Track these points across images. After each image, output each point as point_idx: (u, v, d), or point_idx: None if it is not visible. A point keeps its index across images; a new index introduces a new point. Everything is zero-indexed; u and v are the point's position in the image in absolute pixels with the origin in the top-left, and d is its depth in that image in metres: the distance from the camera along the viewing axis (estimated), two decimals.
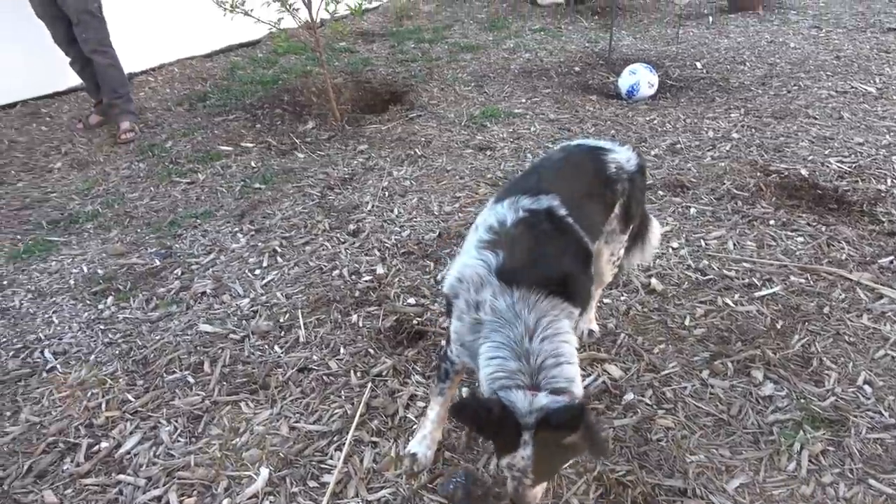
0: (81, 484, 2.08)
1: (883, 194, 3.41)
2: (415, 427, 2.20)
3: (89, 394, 2.46)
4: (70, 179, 4.60)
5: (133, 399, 2.41)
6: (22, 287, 3.29)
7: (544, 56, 6.62)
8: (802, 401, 2.19)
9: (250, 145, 4.87)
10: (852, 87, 5.07)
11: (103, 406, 2.39)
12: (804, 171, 3.74)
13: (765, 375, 2.31)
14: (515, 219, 1.80)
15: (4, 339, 2.87)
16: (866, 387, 2.23)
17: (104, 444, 2.22)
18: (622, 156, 2.17)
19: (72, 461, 2.17)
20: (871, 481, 1.91)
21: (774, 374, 2.31)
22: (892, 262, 2.87)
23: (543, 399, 1.49)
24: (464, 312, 1.72)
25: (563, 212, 1.84)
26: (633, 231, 2.31)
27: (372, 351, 2.57)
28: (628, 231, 2.28)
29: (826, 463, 1.98)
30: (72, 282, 3.29)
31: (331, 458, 2.11)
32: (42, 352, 2.76)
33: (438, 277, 3.02)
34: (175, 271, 3.28)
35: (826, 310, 2.60)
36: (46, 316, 3.02)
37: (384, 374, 2.45)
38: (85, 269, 3.38)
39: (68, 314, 3.02)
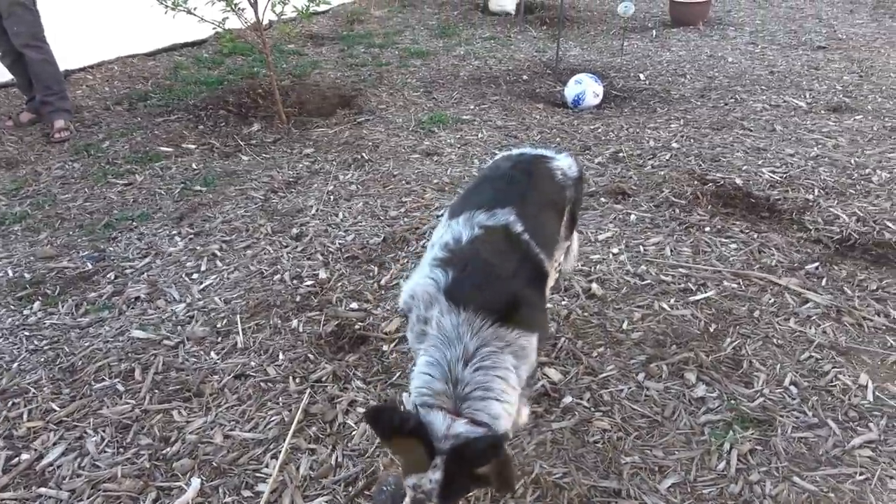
0: None
1: (811, 203, 3.57)
2: (354, 433, 2.18)
3: (10, 403, 2.34)
4: None
5: (58, 408, 2.30)
6: None
7: (493, 64, 6.68)
8: (733, 402, 2.26)
9: (192, 147, 4.74)
10: (784, 101, 5.29)
11: (25, 416, 2.28)
12: (739, 181, 3.87)
13: (697, 377, 2.38)
14: (471, 236, 1.77)
15: None
16: (792, 388, 2.32)
17: (25, 456, 2.11)
18: (563, 163, 2.20)
19: None
20: (795, 479, 1.98)
21: (707, 377, 2.38)
22: (817, 268, 3.00)
23: (461, 427, 1.47)
24: (414, 324, 1.71)
25: (519, 227, 1.81)
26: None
27: (312, 356, 2.53)
28: (571, 236, 2.32)
29: (754, 462, 2.05)
30: None
31: (266, 467, 2.07)
32: None
33: (383, 282, 2.99)
34: (108, 275, 3.16)
35: (756, 314, 2.69)
36: None
37: (324, 379, 2.41)
38: (10, 273, 3.22)
39: None
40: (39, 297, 3.00)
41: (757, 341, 2.55)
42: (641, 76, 6.15)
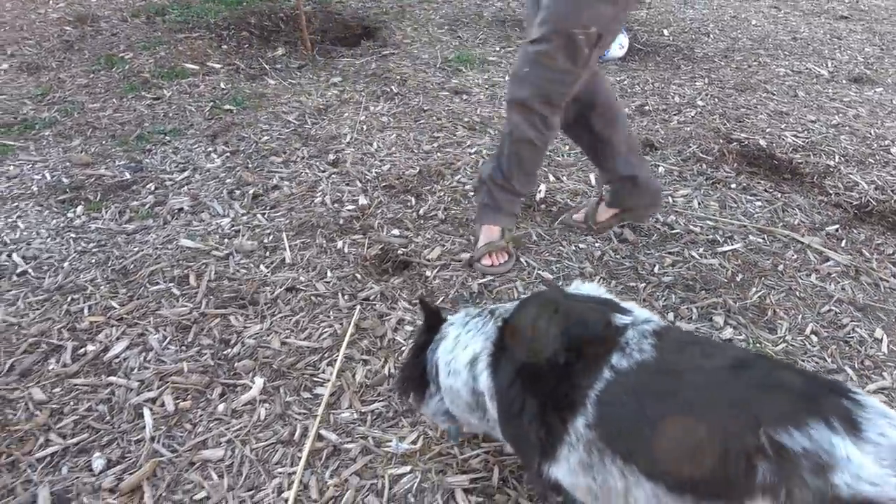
0: (71, 384, 2.07)
1: (832, 169, 3.68)
2: (403, 349, 2.30)
3: (69, 298, 2.42)
4: (20, 83, 4.33)
5: (117, 306, 2.38)
6: None
7: (516, 6, 6.60)
8: (758, 345, 2.41)
9: (217, 66, 4.70)
10: (807, 68, 5.34)
11: (86, 311, 2.36)
12: (762, 142, 3.96)
13: (725, 321, 2.52)
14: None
15: None
16: (813, 336, 2.47)
17: (91, 348, 2.20)
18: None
19: (57, 362, 2.15)
20: None
21: (734, 321, 2.52)
22: (837, 230, 3.13)
23: None
24: None
25: (622, 320, 1.39)
26: None
27: (359, 276, 2.62)
28: None
29: None
30: (35, 188, 3.16)
31: (323, 373, 2.18)
32: (10, 255, 2.67)
33: (421, 212, 3.07)
34: (147, 186, 3.19)
35: (780, 267, 2.83)
36: (10, 220, 2.91)
37: (371, 298, 2.52)
38: (48, 177, 3.25)
39: (34, 220, 2.91)
40: (82, 202, 3.04)
41: (781, 293, 2.69)
42: (665, 32, 6.14)
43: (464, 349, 1.56)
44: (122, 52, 4.83)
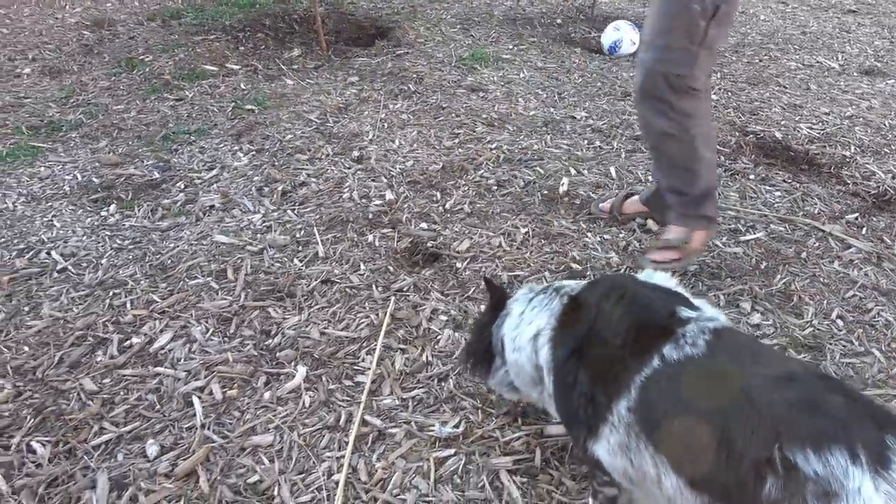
0: (119, 374, 2.12)
1: (848, 160, 3.72)
2: (440, 337, 2.35)
3: (111, 293, 2.47)
4: (44, 86, 4.40)
5: (159, 300, 2.44)
6: (12, 190, 3.20)
7: (525, 5, 6.66)
8: (786, 329, 2.45)
9: (236, 67, 4.76)
10: (817, 62, 5.38)
11: (128, 305, 2.42)
12: (778, 134, 4.01)
13: (752, 307, 2.56)
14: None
15: (4, 240, 2.81)
16: (839, 321, 2.52)
17: (136, 340, 2.25)
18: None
19: (105, 353, 2.20)
20: None
21: (761, 307, 2.57)
22: (857, 218, 3.17)
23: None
24: None
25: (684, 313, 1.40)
26: None
27: (391, 268, 2.68)
28: None
29: None
30: (66, 188, 3.22)
31: (362, 361, 2.23)
32: (49, 253, 2.73)
33: (447, 206, 3.12)
34: (177, 184, 3.25)
35: (803, 255, 2.88)
36: (46, 219, 2.97)
37: (405, 289, 2.57)
38: (79, 177, 3.31)
39: (69, 219, 2.97)
40: (114, 201, 3.10)
41: (805, 279, 2.73)
42: None
43: (528, 325, 1.62)
44: (142, 54, 4.90)
